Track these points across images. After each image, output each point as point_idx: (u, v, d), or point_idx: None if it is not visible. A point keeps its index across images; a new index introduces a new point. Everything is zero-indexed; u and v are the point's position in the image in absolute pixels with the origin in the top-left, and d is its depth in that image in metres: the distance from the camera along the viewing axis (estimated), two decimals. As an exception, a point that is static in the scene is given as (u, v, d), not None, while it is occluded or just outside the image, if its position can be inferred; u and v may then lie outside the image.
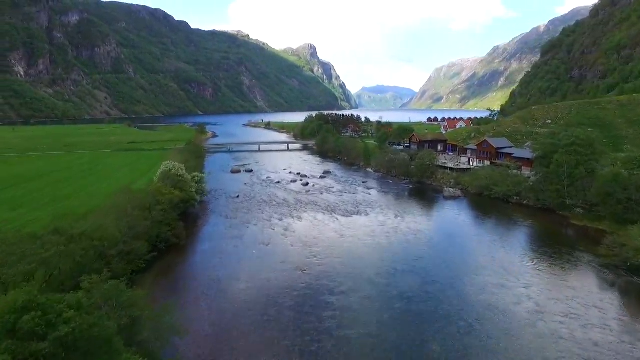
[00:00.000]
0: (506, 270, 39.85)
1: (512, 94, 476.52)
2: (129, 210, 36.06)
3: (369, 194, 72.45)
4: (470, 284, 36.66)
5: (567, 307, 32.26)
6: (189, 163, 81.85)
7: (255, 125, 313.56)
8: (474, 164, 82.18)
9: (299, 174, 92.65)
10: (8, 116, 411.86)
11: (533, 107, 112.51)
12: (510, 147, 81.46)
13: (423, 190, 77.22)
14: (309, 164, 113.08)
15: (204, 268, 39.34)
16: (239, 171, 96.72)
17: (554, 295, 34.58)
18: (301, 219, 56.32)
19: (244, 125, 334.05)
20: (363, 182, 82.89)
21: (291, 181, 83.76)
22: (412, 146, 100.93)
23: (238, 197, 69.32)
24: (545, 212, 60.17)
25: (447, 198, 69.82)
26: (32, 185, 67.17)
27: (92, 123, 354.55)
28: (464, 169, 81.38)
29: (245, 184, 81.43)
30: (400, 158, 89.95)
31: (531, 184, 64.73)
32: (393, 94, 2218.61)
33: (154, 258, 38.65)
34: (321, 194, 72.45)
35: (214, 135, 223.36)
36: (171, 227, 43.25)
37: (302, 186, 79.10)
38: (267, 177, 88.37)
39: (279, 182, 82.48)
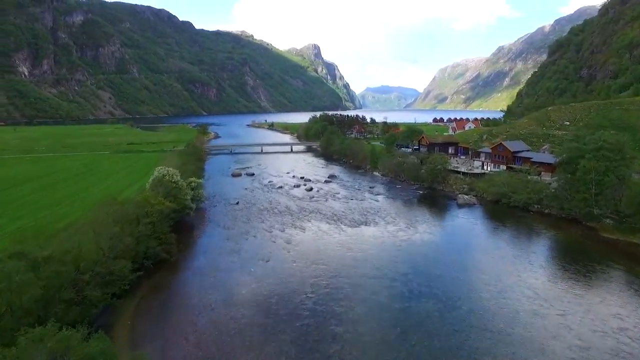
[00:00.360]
0: (536, 293, 35.19)
1: (519, 94, 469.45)
2: (111, 225, 31.85)
3: (377, 201, 67.86)
4: (499, 311, 32.03)
5: (617, 343, 27.56)
6: (186, 166, 77.85)
7: (259, 126, 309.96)
8: (489, 169, 77.32)
9: (302, 178, 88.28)
10: (12, 116, 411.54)
11: (549, 108, 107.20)
12: (528, 150, 76.50)
13: (434, 197, 72.47)
14: (313, 166, 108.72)
15: (195, 290, 35.01)
16: (239, 175, 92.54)
17: (598, 326, 29.89)
18: (304, 230, 51.90)
19: (247, 125, 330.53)
20: (370, 188, 78.32)
21: (294, 186, 79.41)
22: (421, 149, 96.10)
23: (237, 203, 65.05)
24: (570, 223, 55.30)
25: (461, 206, 65.10)
26: (20, 190, 63.44)
27: (95, 123, 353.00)
28: (477, 174, 76.56)
29: (246, 188, 77.20)
30: (410, 162, 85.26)
31: (553, 190, 59.86)
32: (397, 94, 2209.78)
33: (141, 277, 34.51)
34: (326, 200, 67.99)
35: (217, 136, 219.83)
36: (161, 241, 39.05)
37: (305, 192, 74.72)
38: (269, 182, 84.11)
39: (281, 187, 78.15)
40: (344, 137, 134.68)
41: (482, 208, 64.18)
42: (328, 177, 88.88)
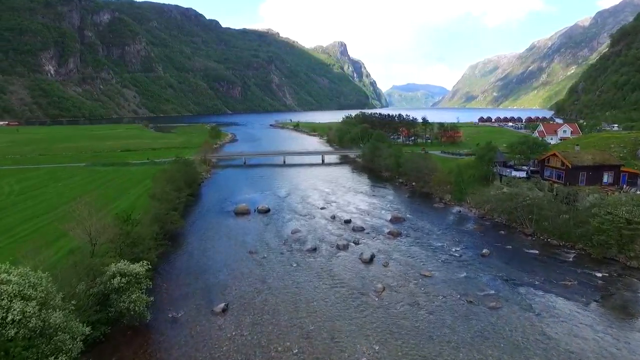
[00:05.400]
0: None
1: (574, 90, 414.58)
2: None
3: (530, 311, 31.07)
4: None
5: None
6: (156, 206, 45.03)
7: (283, 126, 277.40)
8: None
9: (348, 221, 52.76)
10: (35, 115, 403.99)
11: None
12: None
13: (634, 292, 34.67)
14: (357, 193, 72.93)
15: None
16: (246, 212, 57.86)
17: None
18: None
19: (270, 125, 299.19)
20: (481, 256, 41.40)
21: (338, 247, 43.84)
22: (545, 172, 57.80)
23: (225, 310, 30.25)
24: None
25: None
26: None
27: (113, 123, 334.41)
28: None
29: (250, 252, 42.51)
30: (539, 198, 47.71)
31: None
32: (424, 92, 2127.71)
33: None
34: (415, 302, 31.91)
35: (233, 139, 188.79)
36: None
37: (360, 264, 39.18)
38: (292, 231, 49.12)
39: (314, 250, 42.85)
40: (398, 146, 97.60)
41: None
42: (391, 222, 52.72)
